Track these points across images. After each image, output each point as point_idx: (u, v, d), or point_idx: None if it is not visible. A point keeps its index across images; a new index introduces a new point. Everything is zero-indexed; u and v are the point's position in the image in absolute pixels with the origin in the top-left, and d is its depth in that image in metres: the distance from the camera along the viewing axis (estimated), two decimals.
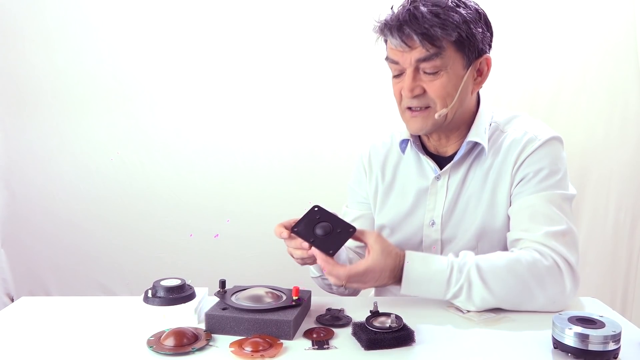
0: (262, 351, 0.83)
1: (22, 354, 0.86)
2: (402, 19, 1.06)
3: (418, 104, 1.12)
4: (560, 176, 1.11)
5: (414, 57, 1.08)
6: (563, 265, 1.02)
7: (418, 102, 1.11)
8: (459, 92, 1.11)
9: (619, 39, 1.83)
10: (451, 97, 1.11)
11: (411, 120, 1.14)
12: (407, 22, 1.06)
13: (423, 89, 1.10)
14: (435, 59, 1.07)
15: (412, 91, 1.10)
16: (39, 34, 1.92)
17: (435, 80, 1.09)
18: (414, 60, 1.08)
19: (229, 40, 1.92)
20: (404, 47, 1.07)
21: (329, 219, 1.00)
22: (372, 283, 1.01)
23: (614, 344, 0.80)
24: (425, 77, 1.10)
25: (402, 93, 1.12)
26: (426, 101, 1.11)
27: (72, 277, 2.02)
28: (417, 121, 1.13)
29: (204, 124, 1.97)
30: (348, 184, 1.37)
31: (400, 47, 1.08)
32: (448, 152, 1.21)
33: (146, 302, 0.97)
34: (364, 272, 0.99)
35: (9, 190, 2.01)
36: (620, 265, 1.93)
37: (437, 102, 1.11)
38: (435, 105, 1.11)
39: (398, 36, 1.07)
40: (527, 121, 1.19)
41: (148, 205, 1.99)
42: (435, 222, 1.20)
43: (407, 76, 1.10)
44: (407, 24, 1.06)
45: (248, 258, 1.99)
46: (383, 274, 1.00)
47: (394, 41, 1.08)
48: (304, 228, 0.99)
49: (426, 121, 1.13)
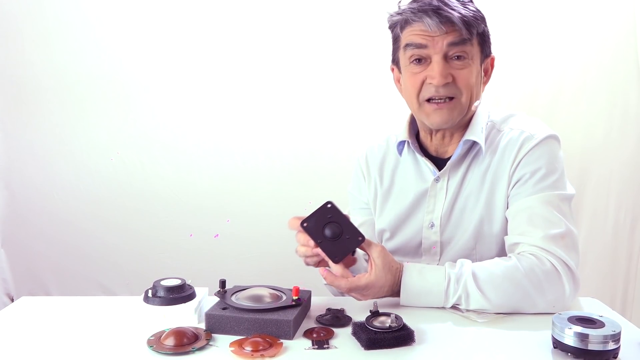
0: (262, 351, 0.83)
1: (22, 354, 0.86)
2: (438, 2, 1.06)
3: (445, 93, 1.09)
4: (557, 176, 1.10)
5: (447, 41, 1.07)
6: (562, 269, 1.01)
7: (446, 90, 1.09)
8: (480, 88, 1.13)
9: (619, 39, 1.83)
10: (476, 89, 1.12)
11: (434, 113, 1.12)
12: (445, 4, 1.06)
13: (452, 77, 1.09)
14: (466, 44, 1.07)
15: (445, 77, 1.08)
16: (39, 33, 1.92)
17: (464, 69, 1.09)
18: (446, 44, 1.07)
19: (229, 40, 1.92)
20: (440, 29, 1.05)
21: (340, 221, 0.98)
22: (371, 296, 1.01)
23: (613, 344, 0.80)
24: (453, 65, 1.09)
25: (427, 81, 1.10)
26: (453, 91, 1.10)
27: (72, 277, 2.02)
28: (443, 113, 1.11)
29: (204, 124, 1.97)
30: (348, 190, 1.37)
31: (435, 30, 1.05)
32: (448, 153, 1.20)
33: (146, 302, 0.97)
34: (364, 286, 0.99)
35: (9, 190, 2.02)
36: (620, 265, 1.93)
37: (464, 92, 1.10)
38: (460, 95, 1.10)
39: (437, 19, 1.05)
40: (524, 120, 1.18)
41: (148, 205, 1.99)
42: (434, 224, 1.19)
43: (437, 62, 1.08)
44: (446, 6, 1.06)
45: (248, 258, 1.99)
46: (382, 289, 1.00)
47: (431, 22, 1.05)
48: (314, 225, 0.97)
49: (452, 113, 1.11)
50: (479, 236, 1.16)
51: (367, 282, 0.98)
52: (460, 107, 1.11)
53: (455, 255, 1.14)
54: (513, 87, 1.88)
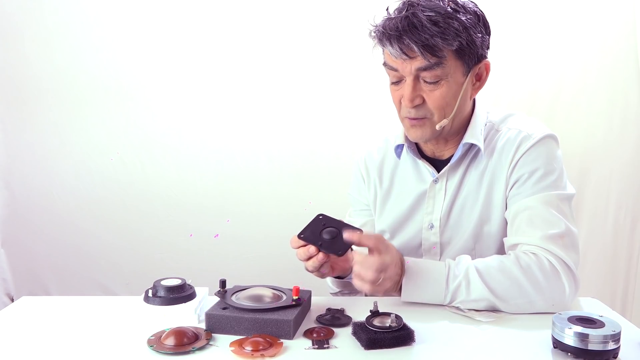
0: (262, 351, 0.83)
1: (22, 354, 0.86)
2: (402, 28, 1.03)
3: (416, 115, 1.10)
4: (556, 176, 1.10)
5: (415, 67, 1.05)
6: (561, 268, 1.01)
7: (416, 112, 1.09)
8: (458, 101, 1.10)
9: (619, 39, 1.84)
10: (451, 107, 1.10)
11: (411, 129, 1.13)
12: (406, 31, 1.02)
13: (423, 99, 1.08)
14: (436, 68, 1.05)
15: (412, 101, 1.08)
16: (39, 34, 1.92)
17: (436, 90, 1.07)
18: (414, 70, 1.06)
19: (229, 41, 1.92)
20: (404, 57, 1.05)
21: (335, 224, 1.00)
22: (390, 275, 0.98)
23: (613, 344, 0.80)
24: (425, 87, 1.08)
25: (401, 102, 1.11)
26: (424, 112, 1.09)
27: (72, 277, 2.02)
28: (416, 130, 1.12)
29: (204, 124, 1.97)
30: (348, 192, 1.37)
31: (399, 57, 1.05)
32: (445, 156, 1.20)
33: (146, 302, 0.97)
34: (384, 240, 1.00)
35: (9, 190, 2.01)
36: (620, 265, 1.93)
37: (436, 113, 1.09)
38: (432, 116, 1.10)
39: (398, 47, 1.04)
40: (522, 119, 1.18)
41: (148, 205, 1.99)
42: (434, 225, 1.19)
43: (407, 85, 1.07)
44: (407, 33, 1.02)
45: (248, 258, 1.99)
46: (393, 264, 0.98)
47: (393, 51, 1.05)
48: (310, 234, 0.99)
49: (425, 130, 1.11)
50: (478, 236, 1.16)
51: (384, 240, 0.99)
52: (431, 126, 1.11)
53: (454, 255, 1.14)
54: (513, 87, 1.88)
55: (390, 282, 0.98)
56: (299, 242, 0.99)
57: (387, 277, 0.97)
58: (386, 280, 0.98)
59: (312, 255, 0.99)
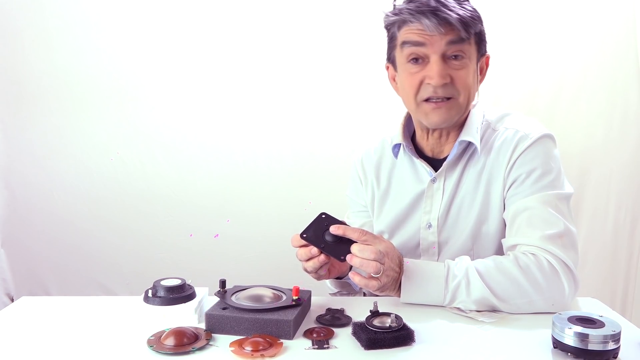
0: (262, 351, 0.83)
1: (22, 354, 0.86)
2: (435, 3, 1.05)
3: (443, 94, 1.09)
4: (553, 176, 1.10)
5: (445, 40, 1.06)
6: (560, 268, 1.01)
7: (444, 91, 1.08)
8: (476, 88, 1.13)
9: (619, 39, 1.84)
10: (473, 89, 1.12)
11: (433, 112, 1.11)
12: (442, 5, 1.05)
13: (451, 77, 1.08)
14: (464, 43, 1.07)
15: (444, 77, 1.07)
16: (39, 34, 1.92)
17: (462, 69, 1.08)
18: (444, 43, 1.06)
19: (229, 41, 1.93)
20: (438, 30, 1.04)
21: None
22: (389, 267, 0.97)
23: (613, 344, 0.80)
24: (451, 65, 1.08)
25: (425, 81, 1.09)
26: (451, 91, 1.09)
27: (72, 277, 2.03)
28: (441, 113, 1.10)
29: (204, 124, 1.97)
30: (346, 194, 1.37)
31: (434, 31, 1.05)
32: (444, 153, 1.20)
33: (146, 302, 0.97)
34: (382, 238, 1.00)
35: (9, 190, 2.02)
36: (620, 265, 1.93)
37: (462, 93, 1.09)
38: (458, 96, 1.10)
39: (435, 20, 1.04)
40: (519, 119, 1.18)
41: (148, 205, 1.99)
42: (432, 224, 1.19)
43: (435, 62, 1.07)
44: (444, 7, 1.05)
45: (248, 258, 1.99)
46: (394, 260, 0.99)
47: (429, 24, 1.04)
48: (312, 234, 0.98)
49: (450, 112, 1.11)
50: (476, 236, 1.16)
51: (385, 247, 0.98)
52: (457, 107, 1.11)
53: (453, 255, 1.14)
54: (513, 87, 1.88)
55: (389, 277, 0.97)
56: (300, 242, 0.99)
57: (385, 269, 0.96)
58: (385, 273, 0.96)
59: (313, 257, 0.98)
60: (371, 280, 0.96)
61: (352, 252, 0.95)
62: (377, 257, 0.94)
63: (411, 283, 1.01)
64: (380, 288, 0.98)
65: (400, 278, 1.01)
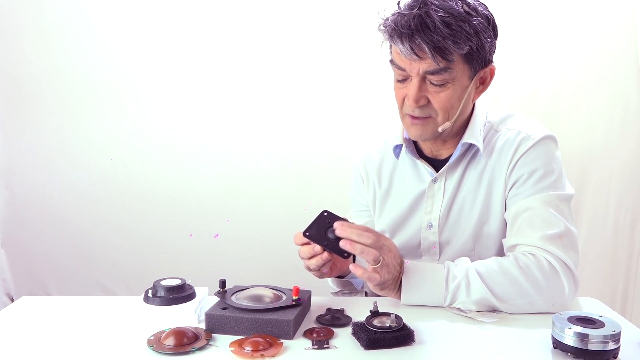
0: (262, 351, 0.83)
1: (22, 354, 0.86)
2: (414, 27, 1.01)
3: (420, 114, 1.09)
4: (555, 176, 1.10)
5: (423, 68, 1.04)
6: (560, 268, 1.01)
7: (421, 112, 1.09)
8: (462, 103, 1.09)
9: (619, 39, 1.83)
10: (454, 109, 1.09)
11: (411, 127, 1.12)
12: (418, 31, 1.01)
13: (427, 99, 1.08)
14: (443, 73, 1.04)
15: (417, 101, 1.07)
16: (39, 34, 1.92)
17: (441, 92, 1.07)
18: (422, 71, 1.05)
19: (229, 41, 1.92)
20: (413, 56, 1.03)
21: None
22: (389, 262, 0.97)
23: (613, 344, 0.80)
24: (431, 88, 1.07)
25: (405, 100, 1.10)
26: (428, 111, 1.09)
27: (72, 277, 2.02)
28: (418, 129, 1.11)
29: (204, 125, 1.97)
30: (348, 193, 1.37)
31: (409, 57, 1.04)
32: (443, 155, 1.20)
33: (146, 302, 0.97)
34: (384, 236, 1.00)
35: (9, 190, 2.01)
36: (620, 265, 1.93)
37: (440, 114, 1.09)
38: (437, 115, 1.09)
39: (409, 45, 1.02)
40: (521, 120, 1.18)
41: (148, 205, 1.99)
42: (432, 224, 1.20)
43: (413, 85, 1.06)
44: (419, 33, 1.01)
45: (248, 258, 1.99)
46: (395, 259, 0.98)
47: (403, 49, 1.03)
48: (315, 232, 0.98)
49: (426, 129, 1.11)
50: (477, 237, 1.16)
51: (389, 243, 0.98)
52: (434, 125, 1.11)
53: (454, 255, 1.14)
54: (513, 87, 1.88)
55: (389, 274, 0.98)
56: (303, 240, 0.99)
57: (386, 263, 0.96)
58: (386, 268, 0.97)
59: (316, 254, 0.98)
60: (373, 273, 0.96)
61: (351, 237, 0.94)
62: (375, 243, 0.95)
63: (411, 284, 1.01)
64: (381, 284, 0.98)
65: (401, 278, 1.01)
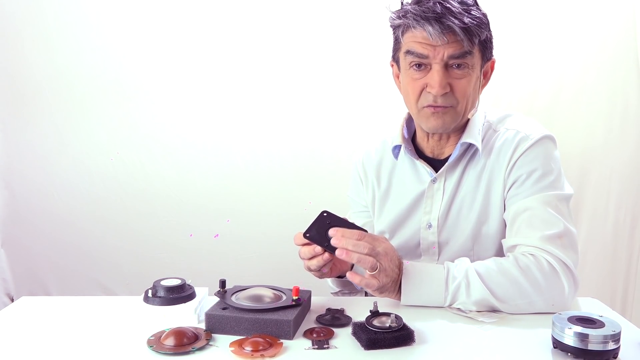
0: (262, 351, 0.83)
1: (22, 354, 0.86)
2: (440, 11, 1.02)
3: (442, 103, 1.08)
4: (554, 176, 1.10)
5: (448, 52, 1.04)
6: (560, 268, 1.01)
7: (443, 100, 1.08)
8: (476, 94, 1.12)
9: (619, 39, 1.83)
10: (472, 98, 1.11)
11: (432, 117, 1.11)
12: (445, 14, 1.02)
13: (450, 86, 1.08)
14: (468, 56, 1.05)
15: (444, 87, 1.06)
16: (39, 34, 1.92)
17: (463, 78, 1.07)
18: (447, 55, 1.05)
19: (229, 40, 1.92)
20: (442, 38, 1.03)
21: (340, 223, 0.99)
22: (386, 266, 0.96)
23: (613, 344, 0.80)
24: (453, 74, 1.07)
25: (426, 89, 1.08)
26: (450, 100, 1.09)
27: (72, 277, 2.02)
28: (439, 117, 1.10)
29: (204, 124, 1.97)
30: (347, 194, 1.37)
31: (437, 39, 1.03)
32: (444, 154, 1.20)
33: (146, 302, 0.97)
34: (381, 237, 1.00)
35: (9, 190, 2.02)
36: (620, 265, 1.93)
37: (460, 102, 1.09)
38: (457, 105, 1.09)
39: (438, 27, 1.02)
40: (520, 120, 1.18)
41: (148, 205, 1.99)
42: (432, 224, 1.20)
43: (437, 72, 1.06)
44: (446, 15, 1.02)
45: (248, 258, 1.99)
46: (393, 261, 0.98)
47: (433, 31, 1.02)
48: (315, 233, 0.98)
49: (446, 119, 1.10)
50: (476, 237, 1.16)
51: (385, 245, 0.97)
52: (454, 115, 1.11)
53: (453, 255, 1.14)
54: (513, 87, 1.88)
55: (388, 278, 0.97)
56: (303, 241, 0.98)
57: (384, 268, 0.96)
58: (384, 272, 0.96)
59: (316, 255, 0.98)
60: (370, 280, 0.96)
61: (347, 247, 0.94)
62: (371, 251, 0.94)
63: (411, 285, 1.01)
64: (380, 288, 0.98)
65: (400, 279, 1.01)
